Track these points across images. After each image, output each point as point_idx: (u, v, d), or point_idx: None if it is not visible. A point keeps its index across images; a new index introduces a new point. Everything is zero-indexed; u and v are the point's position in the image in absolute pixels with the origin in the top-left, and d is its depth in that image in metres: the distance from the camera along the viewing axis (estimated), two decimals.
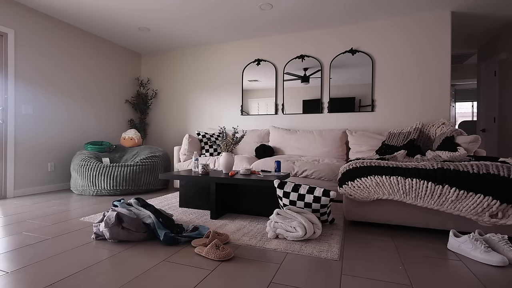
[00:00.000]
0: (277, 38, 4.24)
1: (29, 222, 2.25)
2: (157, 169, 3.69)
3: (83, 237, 1.90)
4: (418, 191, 1.92)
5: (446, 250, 1.73)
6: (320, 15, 3.56)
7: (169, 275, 1.37)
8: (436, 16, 3.49)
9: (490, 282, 1.33)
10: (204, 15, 3.61)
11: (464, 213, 1.81)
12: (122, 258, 1.57)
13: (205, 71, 4.70)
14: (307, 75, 4.05)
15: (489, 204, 1.76)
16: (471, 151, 2.62)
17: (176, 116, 4.92)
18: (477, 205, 1.78)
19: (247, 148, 4.04)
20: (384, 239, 1.92)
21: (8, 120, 3.25)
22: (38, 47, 3.55)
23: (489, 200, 1.76)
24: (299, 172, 3.11)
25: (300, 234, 1.79)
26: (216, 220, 2.32)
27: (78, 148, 4.06)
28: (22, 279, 1.33)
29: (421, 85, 3.56)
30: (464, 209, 1.81)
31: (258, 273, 1.40)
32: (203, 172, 2.53)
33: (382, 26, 3.72)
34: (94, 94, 4.30)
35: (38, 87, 3.56)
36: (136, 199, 2.05)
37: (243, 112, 4.41)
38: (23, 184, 3.41)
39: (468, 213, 1.80)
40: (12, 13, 3.28)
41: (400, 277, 1.37)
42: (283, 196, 2.11)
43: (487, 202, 1.76)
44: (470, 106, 7.66)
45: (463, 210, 1.81)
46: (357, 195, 2.11)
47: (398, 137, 3.18)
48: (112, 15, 3.63)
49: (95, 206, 2.85)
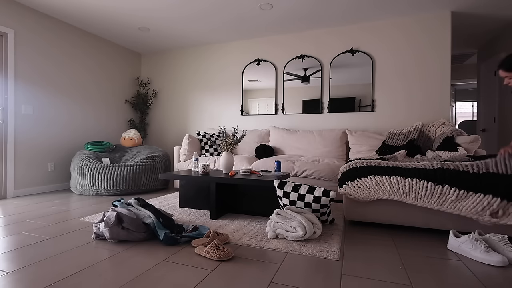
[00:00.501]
0: (277, 38, 4.24)
1: (29, 222, 2.25)
2: (157, 169, 3.69)
3: (83, 237, 1.90)
4: (418, 191, 1.92)
5: (446, 250, 1.73)
6: (320, 15, 3.56)
7: (169, 275, 1.37)
8: (436, 16, 3.49)
9: (490, 282, 1.33)
10: (204, 15, 3.61)
11: (465, 212, 1.81)
12: (122, 258, 1.57)
13: (205, 71, 4.70)
14: (307, 75, 4.05)
15: (490, 202, 1.75)
16: (471, 151, 2.62)
17: (176, 116, 4.92)
18: (477, 204, 1.77)
19: (247, 148, 4.04)
20: (384, 239, 1.92)
21: (8, 120, 3.25)
22: (38, 47, 3.55)
23: (489, 198, 1.76)
24: (299, 172, 3.11)
25: (300, 234, 1.79)
26: (216, 220, 2.32)
27: (78, 148, 4.06)
28: (22, 279, 1.33)
29: (421, 85, 3.56)
30: (464, 209, 1.81)
31: (258, 273, 1.40)
32: (203, 172, 2.53)
33: (382, 26, 3.72)
34: (94, 94, 4.30)
35: (38, 87, 3.56)
36: (136, 199, 2.05)
37: (243, 112, 4.41)
38: (23, 184, 3.41)
39: (468, 212, 1.80)
40: (12, 13, 3.28)
41: (400, 277, 1.37)
42: (283, 196, 2.11)
43: (487, 200, 1.76)
44: (470, 106, 7.66)
45: (463, 209, 1.81)
46: (357, 195, 2.11)
47: (398, 137, 3.18)
48: (112, 15, 3.63)
49: (95, 206, 2.85)
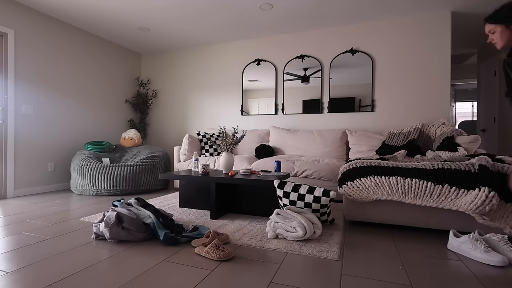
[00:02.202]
0: (277, 38, 4.24)
1: (29, 222, 2.25)
2: (157, 169, 3.69)
3: (83, 237, 1.90)
4: (418, 191, 1.92)
5: (446, 250, 1.73)
6: (320, 15, 3.56)
7: (169, 275, 1.37)
8: (436, 16, 3.49)
9: (490, 282, 1.33)
10: (204, 15, 3.61)
11: (463, 208, 1.79)
12: (122, 258, 1.57)
13: (205, 71, 4.70)
14: (307, 75, 4.05)
15: (488, 196, 1.74)
16: (471, 151, 2.62)
17: (176, 116, 4.92)
18: (475, 198, 1.77)
19: (247, 148, 4.04)
20: (384, 239, 1.92)
21: (8, 120, 3.25)
22: (38, 47, 3.55)
23: (486, 191, 1.74)
24: (299, 172, 3.11)
25: (300, 234, 1.79)
26: (216, 220, 2.32)
27: (78, 148, 4.06)
28: (22, 279, 1.33)
29: (421, 85, 3.56)
30: (463, 204, 1.80)
31: (258, 273, 1.40)
32: (203, 172, 2.53)
33: (382, 26, 3.72)
34: (94, 94, 4.30)
35: (38, 87, 3.56)
36: (136, 199, 2.05)
37: (243, 112, 4.41)
38: (23, 184, 3.41)
39: (467, 208, 1.78)
40: (12, 13, 3.28)
41: (400, 277, 1.37)
42: (283, 196, 2.11)
43: (485, 193, 1.74)
44: (470, 106, 7.66)
45: (461, 205, 1.80)
46: (356, 195, 2.11)
47: (398, 137, 3.18)
48: (112, 15, 3.63)
49: (95, 206, 2.85)
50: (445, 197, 1.86)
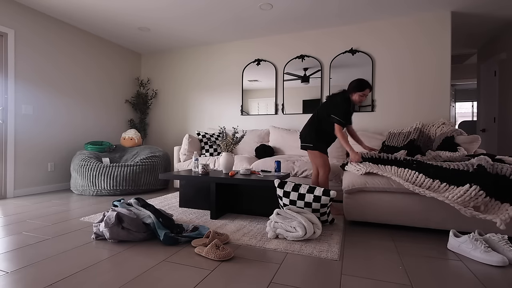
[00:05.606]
0: (277, 38, 4.24)
1: (29, 222, 2.25)
2: (157, 169, 3.69)
3: (83, 237, 1.90)
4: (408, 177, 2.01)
5: (446, 250, 1.73)
6: (320, 15, 3.56)
7: (169, 275, 1.37)
8: (436, 16, 3.49)
9: (490, 282, 1.33)
10: (203, 15, 3.61)
11: (450, 200, 1.79)
12: (122, 258, 1.57)
13: (205, 71, 4.70)
14: (307, 75, 4.05)
15: (476, 193, 1.76)
16: (471, 151, 2.62)
17: (176, 116, 4.92)
18: (464, 194, 1.78)
19: (247, 148, 4.04)
20: (384, 239, 1.92)
21: (8, 120, 3.25)
22: (38, 47, 3.55)
23: (476, 189, 1.76)
24: (299, 172, 3.11)
25: (300, 234, 1.79)
26: (216, 220, 2.32)
27: (78, 148, 4.06)
28: (22, 279, 1.33)
29: (421, 85, 3.56)
30: (451, 196, 1.80)
31: (258, 273, 1.40)
32: (203, 172, 2.53)
33: (382, 26, 3.72)
34: (94, 94, 4.30)
35: (38, 87, 3.56)
36: (136, 199, 2.05)
37: (243, 112, 4.41)
38: (23, 184, 3.41)
39: (454, 201, 1.78)
40: (12, 13, 3.28)
41: (400, 277, 1.37)
42: (283, 196, 2.11)
43: (475, 191, 1.76)
44: (470, 106, 7.66)
45: (449, 197, 1.81)
46: (351, 169, 2.26)
47: (398, 137, 3.18)
48: (112, 15, 3.63)
49: (95, 206, 2.85)
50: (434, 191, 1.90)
